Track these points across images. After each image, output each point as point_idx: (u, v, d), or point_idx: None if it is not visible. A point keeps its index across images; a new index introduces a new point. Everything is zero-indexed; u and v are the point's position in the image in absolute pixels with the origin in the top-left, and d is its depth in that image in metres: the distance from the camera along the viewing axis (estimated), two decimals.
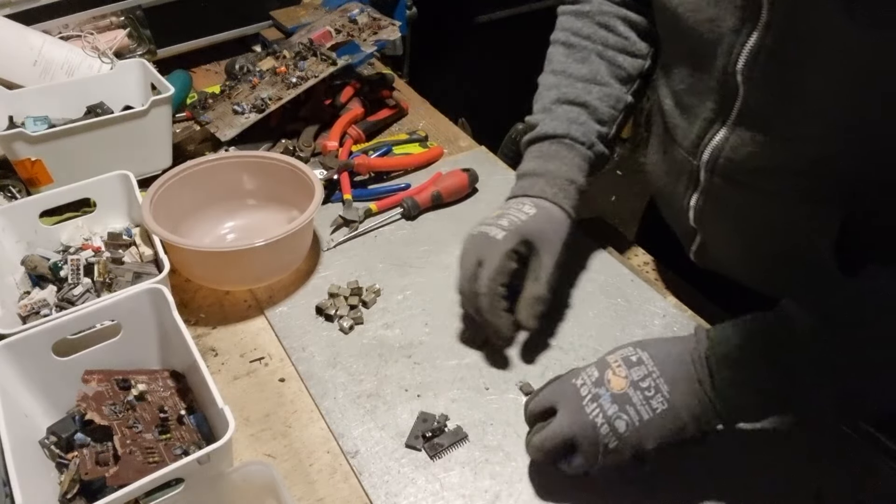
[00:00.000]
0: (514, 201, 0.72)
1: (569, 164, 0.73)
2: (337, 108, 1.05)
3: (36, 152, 0.82)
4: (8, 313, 0.67)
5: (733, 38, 0.59)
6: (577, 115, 0.74)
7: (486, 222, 0.70)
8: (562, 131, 0.73)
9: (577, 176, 0.73)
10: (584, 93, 0.74)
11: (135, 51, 1.10)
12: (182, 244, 0.71)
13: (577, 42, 0.76)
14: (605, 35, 0.76)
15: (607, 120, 0.75)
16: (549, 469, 0.60)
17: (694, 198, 0.72)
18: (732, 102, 0.63)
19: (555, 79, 0.76)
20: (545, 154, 0.74)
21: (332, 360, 0.70)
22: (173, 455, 0.57)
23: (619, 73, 0.76)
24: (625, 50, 0.76)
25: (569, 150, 0.73)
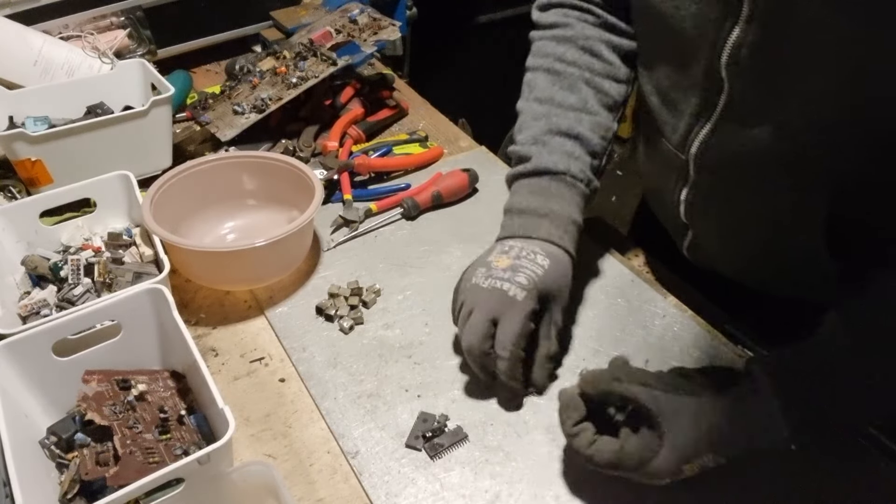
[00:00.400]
0: (524, 247, 0.67)
1: (570, 203, 0.70)
2: (337, 108, 1.05)
3: (36, 152, 0.82)
4: (8, 313, 0.67)
5: (716, 34, 0.60)
6: (573, 148, 0.71)
7: (499, 276, 0.64)
8: (562, 168, 0.70)
9: (578, 216, 0.71)
10: (576, 123, 0.72)
11: (135, 51, 1.09)
12: (182, 244, 0.71)
13: (562, 69, 0.74)
14: (590, 61, 0.74)
15: (599, 152, 0.73)
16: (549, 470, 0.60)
17: (684, 193, 0.72)
18: (718, 97, 0.63)
19: (542, 108, 0.73)
20: (545, 191, 0.70)
21: (333, 361, 0.70)
22: (173, 455, 0.57)
23: (607, 100, 0.74)
24: (610, 76, 0.74)
25: (569, 189, 0.70)
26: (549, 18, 0.77)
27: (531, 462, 0.61)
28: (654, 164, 0.77)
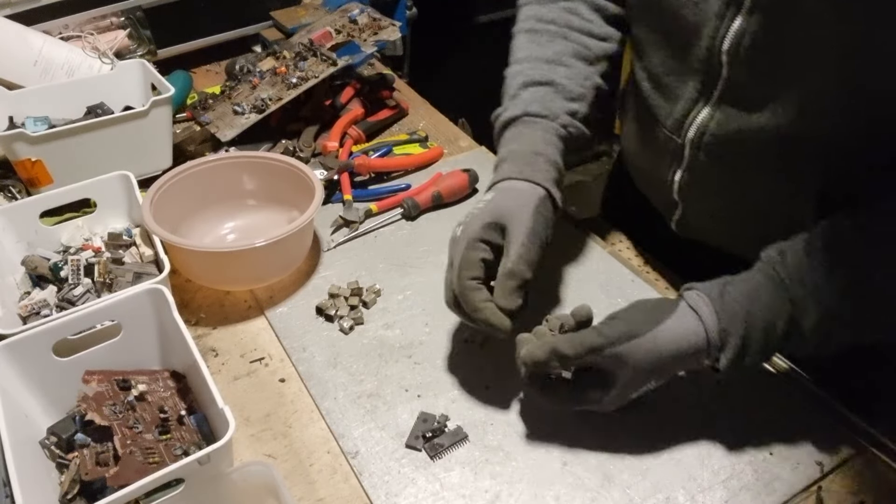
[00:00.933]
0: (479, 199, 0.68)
1: (530, 138, 0.69)
2: (337, 108, 1.05)
3: (36, 153, 0.82)
4: (8, 314, 0.67)
5: (718, 21, 0.61)
6: (544, 93, 0.71)
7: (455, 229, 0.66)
8: (520, 112, 0.70)
9: (545, 148, 0.68)
10: (550, 72, 0.72)
11: (135, 51, 1.10)
12: (182, 244, 0.71)
13: (540, 27, 0.75)
14: (568, 18, 0.75)
15: (577, 97, 0.72)
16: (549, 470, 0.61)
17: (678, 174, 0.73)
18: (716, 81, 0.64)
19: (519, 66, 0.74)
20: (508, 138, 0.71)
21: (333, 361, 0.70)
22: (173, 455, 0.57)
23: (586, 53, 0.74)
24: (590, 33, 0.75)
25: (530, 127, 0.70)
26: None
27: (531, 462, 0.61)
28: (646, 146, 0.78)
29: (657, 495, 0.59)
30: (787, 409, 0.65)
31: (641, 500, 0.58)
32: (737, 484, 0.59)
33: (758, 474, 0.60)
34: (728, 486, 0.59)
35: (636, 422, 0.64)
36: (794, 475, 0.60)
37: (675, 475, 0.60)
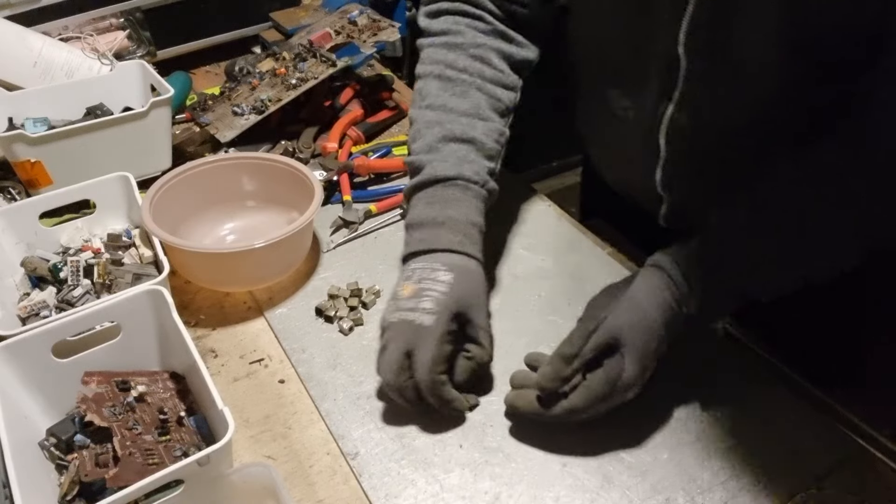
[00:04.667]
0: (424, 267, 0.65)
1: (467, 207, 0.69)
2: (336, 109, 1.05)
3: (35, 154, 0.82)
4: (7, 315, 0.67)
5: (670, 19, 0.64)
6: (466, 153, 0.71)
7: (404, 306, 0.63)
8: (453, 173, 0.69)
9: (477, 217, 0.69)
10: (470, 128, 0.71)
11: (134, 52, 1.10)
12: (182, 245, 0.71)
13: (453, 76, 0.74)
14: (481, 68, 0.74)
15: (494, 154, 0.73)
16: (548, 471, 0.60)
17: (659, 170, 0.75)
18: (676, 75, 0.67)
19: (434, 114, 0.73)
20: (441, 199, 0.69)
21: (332, 362, 0.70)
22: (173, 456, 0.57)
23: (499, 106, 0.75)
24: (501, 83, 0.75)
25: (464, 192, 0.69)
26: (439, 25, 0.78)
27: (531, 463, 0.61)
28: (620, 151, 0.81)
29: (657, 496, 0.59)
30: (787, 410, 0.65)
31: (641, 501, 0.58)
32: (736, 485, 0.59)
33: (757, 475, 0.60)
34: (728, 487, 0.59)
35: (636, 423, 0.64)
36: (793, 475, 0.60)
37: (675, 476, 0.60)
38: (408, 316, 0.62)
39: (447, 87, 0.74)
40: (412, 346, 0.61)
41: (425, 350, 0.61)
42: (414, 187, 0.71)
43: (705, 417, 0.64)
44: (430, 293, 0.63)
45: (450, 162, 0.70)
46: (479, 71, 0.74)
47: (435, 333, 0.61)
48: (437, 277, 0.64)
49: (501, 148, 0.74)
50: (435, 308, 0.62)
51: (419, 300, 0.62)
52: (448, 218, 0.68)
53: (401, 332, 0.62)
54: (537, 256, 0.82)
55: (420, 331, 0.61)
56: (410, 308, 0.62)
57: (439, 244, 0.66)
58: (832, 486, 0.59)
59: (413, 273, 0.65)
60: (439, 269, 0.64)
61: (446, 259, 0.65)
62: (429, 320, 0.61)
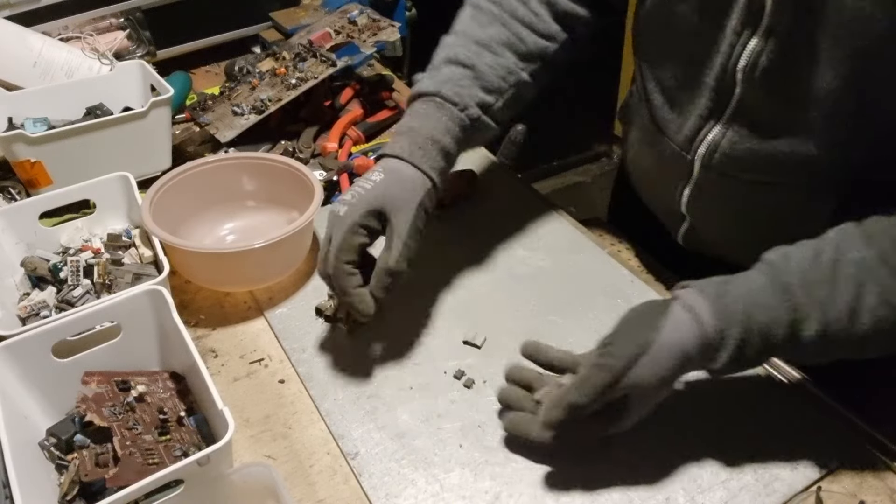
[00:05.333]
0: (368, 170, 0.67)
1: (434, 123, 0.68)
2: (336, 109, 1.05)
3: (35, 154, 0.82)
4: (7, 315, 0.67)
5: (734, 39, 0.60)
6: (461, 77, 0.69)
7: (337, 199, 0.66)
8: (433, 89, 0.69)
9: (442, 136, 0.67)
10: (475, 56, 0.70)
11: (134, 52, 1.10)
12: (182, 245, 0.71)
13: (484, 5, 0.73)
14: (514, 6, 0.72)
15: (494, 89, 0.71)
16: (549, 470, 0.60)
17: (686, 189, 0.72)
18: (728, 99, 0.64)
19: (452, 38, 0.73)
20: (414, 112, 0.70)
21: (332, 362, 0.70)
22: (173, 456, 0.57)
23: (520, 47, 0.72)
24: (531, 26, 0.72)
25: (437, 109, 0.69)
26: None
27: (531, 463, 0.61)
28: (653, 159, 0.78)
29: (657, 496, 0.59)
30: (787, 410, 0.65)
31: (641, 500, 0.58)
32: (736, 484, 0.59)
33: (757, 475, 0.60)
34: (728, 486, 0.59)
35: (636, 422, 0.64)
36: (793, 475, 0.60)
37: (675, 476, 0.60)
38: (333, 206, 0.65)
39: (475, 16, 0.73)
40: (330, 233, 0.64)
41: (335, 237, 0.63)
42: (407, 102, 0.73)
43: (705, 417, 0.64)
44: (355, 188, 0.65)
45: (437, 81, 0.70)
46: (512, 8, 0.72)
47: (346, 222, 0.63)
48: (369, 176, 0.66)
49: (508, 87, 0.72)
50: (351, 199, 0.64)
51: (346, 193, 0.65)
52: (409, 129, 0.68)
53: (328, 223, 0.65)
54: (537, 256, 0.82)
55: (336, 219, 0.64)
56: (339, 200, 0.65)
57: (389, 150, 0.67)
58: (832, 486, 0.59)
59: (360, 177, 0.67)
60: (377, 169, 0.66)
61: (386, 162, 0.67)
62: (343, 209, 0.64)
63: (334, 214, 0.64)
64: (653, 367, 0.54)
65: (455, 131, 0.69)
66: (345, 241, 0.63)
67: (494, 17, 0.72)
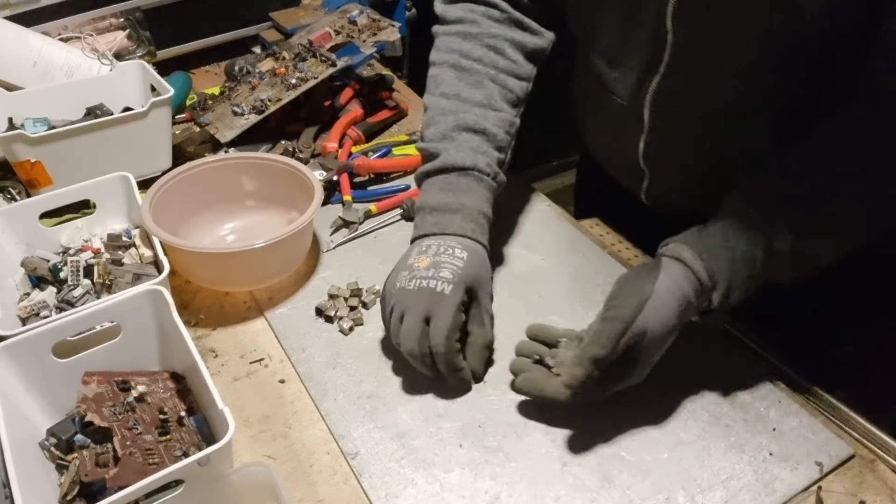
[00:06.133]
0: (441, 244, 0.68)
1: (479, 197, 0.72)
2: (336, 109, 1.05)
3: (36, 154, 0.82)
4: (8, 315, 0.67)
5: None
6: (479, 143, 0.73)
7: (422, 275, 0.66)
8: (470, 163, 0.72)
9: (488, 208, 0.72)
10: (482, 119, 0.74)
11: (134, 52, 1.10)
12: (182, 245, 0.71)
13: (468, 66, 0.76)
14: (494, 58, 0.77)
15: (504, 146, 0.76)
16: (549, 470, 0.60)
17: (641, 141, 0.77)
18: (664, 47, 0.68)
19: (448, 103, 0.75)
20: (455, 187, 0.72)
21: (332, 362, 0.70)
22: (173, 456, 0.57)
23: (511, 97, 0.77)
24: (514, 73, 0.77)
25: (478, 183, 0.72)
26: (455, 13, 0.80)
27: (531, 463, 0.61)
28: (606, 123, 0.83)
29: (657, 496, 0.59)
30: (787, 410, 0.65)
31: (641, 500, 0.58)
32: (736, 484, 0.59)
33: (757, 475, 0.60)
34: (728, 486, 0.59)
35: (636, 422, 0.64)
36: (794, 475, 0.60)
37: (675, 476, 0.60)
38: (428, 284, 0.65)
39: (462, 76, 0.76)
40: (430, 312, 0.64)
41: (443, 317, 0.63)
42: (428, 172, 0.74)
43: (705, 417, 0.64)
44: (449, 265, 0.66)
45: (465, 152, 0.72)
46: (493, 61, 0.77)
47: (453, 301, 0.64)
48: (454, 253, 0.67)
49: (511, 138, 0.77)
50: (453, 278, 0.65)
51: (438, 270, 0.66)
52: (461, 205, 0.70)
53: (420, 300, 0.64)
54: (537, 256, 0.82)
55: (440, 298, 0.64)
56: (430, 276, 0.65)
57: (452, 229, 0.69)
58: (832, 486, 0.59)
59: (429, 248, 0.68)
60: (456, 246, 0.68)
61: (461, 241, 0.69)
62: (448, 288, 0.65)
63: (434, 292, 0.64)
64: (657, 311, 0.58)
65: (491, 199, 0.74)
66: (455, 321, 0.64)
67: (483, 76, 0.76)
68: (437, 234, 0.69)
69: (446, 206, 0.70)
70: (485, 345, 0.67)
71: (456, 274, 0.65)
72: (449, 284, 0.65)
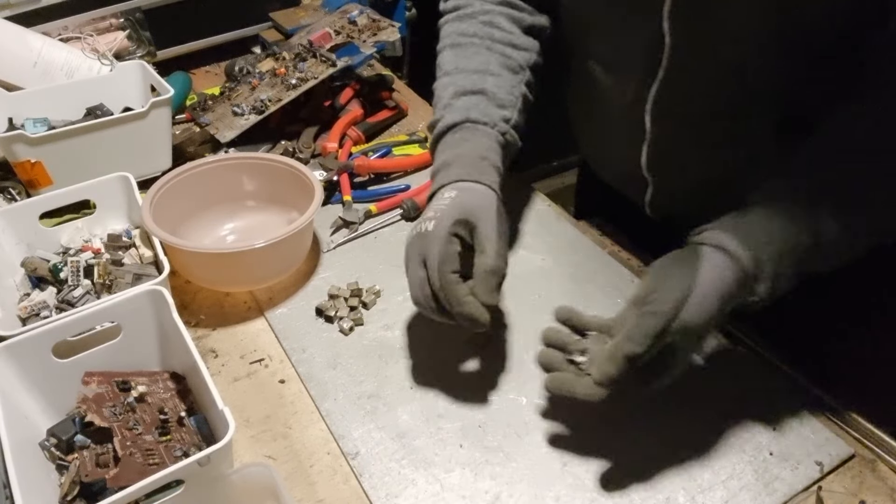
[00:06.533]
0: (436, 196, 0.68)
1: (475, 144, 0.70)
2: (336, 109, 1.05)
3: (36, 154, 0.82)
4: (8, 315, 0.67)
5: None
6: (477, 101, 0.73)
7: (414, 225, 0.66)
8: (461, 118, 0.71)
9: (489, 153, 0.70)
10: (480, 81, 0.74)
11: (134, 52, 1.10)
12: (182, 246, 0.71)
13: (464, 41, 0.77)
14: (490, 31, 0.78)
15: (507, 104, 0.74)
16: (549, 470, 0.60)
17: (644, 148, 0.76)
18: (662, 51, 0.67)
19: (448, 78, 0.76)
20: (450, 143, 0.71)
21: (333, 362, 0.70)
22: (173, 457, 0.57)
23: (510, 63, 0.76)
24: (511, 43, 0.78)
25: (472, 133, 0.71)
26: (451, 3, 0.82)
27: (531, 463, 0.61)
28: (605, 131, 0.82)
29: (657, 496, 0.59)
30: (788, 410, 0.65)
31: (641, 500, 0.58)
32: (737, 484, 0.59)
33: (758, 474, 0.60)
34: (728, 486, 0.59)
35: (636, 422, 0.64)
36: (794, 475, 0.60)
37: (675, 475, 0.60)
38: (416, 228, 0.65)
39: (458, 52, 0.77)
40: (423, 252, 0.63)
41: (433, 251, 0.62)
42: (432, 142, 0.74)
43: (705, 417, 0.64)
44: (434, 207, 0.65)
45: (459, 111, 0.72)
46: (489, 34, 0.77)
47: (439, 234, 0.62)
48: (442, 196, 0.66)
49: (517, 99, 0.75)
50: (436, 215, 0.64)
51: (424, 215, 0.65)
52: (456, 156, 0.69)
53: (414, 246, 0.64)
54: (537, 256, 0.82)
55: (426, 236, 0.63)
56: (418, 222, 0.65)
57: (448, 179, 0.68)
58: (832, 486, 0.59)
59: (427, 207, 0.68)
60: (446, 191, 0.67)
61: (455, 184, 0.67)
62: (431, 225, 0.63)
63: (421, 233, 0.63)
64: (699, 307, 0.54)
65: (495, 147, 0.71)
66: (444, 251, 0.61)
67: (478, 47, 0.77)
68: (437, 190, 0.69)
69: (443, 163, 0.70)
70: (487, 271, 0.61)
71: (439, 211, 0.64)
72: (431, 221, 0.63)
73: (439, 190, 0.68)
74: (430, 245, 0.62)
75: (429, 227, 0.63)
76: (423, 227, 0.63)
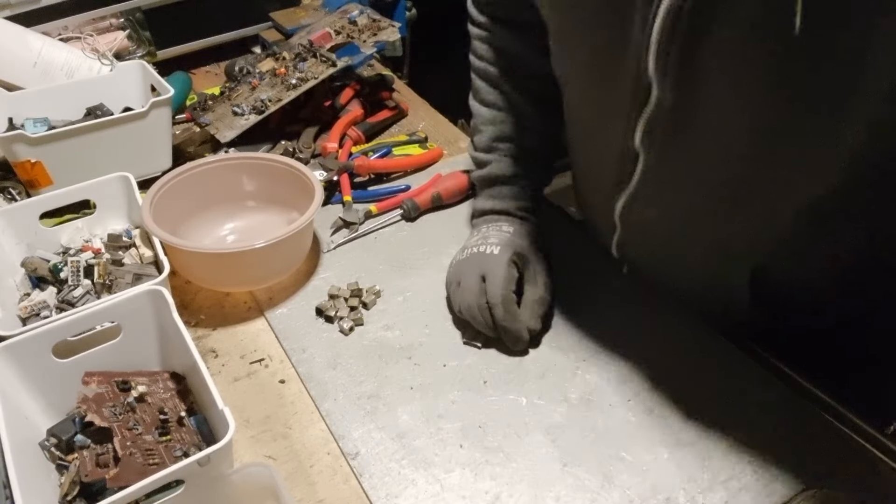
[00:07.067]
0: (489, 226, 0.77)
1: (524, 200, 0.80)
2: (337, 109, 1.05)
3: (36, 154, 0.82)
4: (8, 315, 0.67)
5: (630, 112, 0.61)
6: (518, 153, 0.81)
7: (472, 244, 0.75)
8: (511, 172, 0.80)
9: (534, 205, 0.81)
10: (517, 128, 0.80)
11: (134, 52, 1.10)
12: (182, 246, 0.71)
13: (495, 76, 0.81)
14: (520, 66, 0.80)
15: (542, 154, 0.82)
16: (549, 471, 0.61)
17: (615, 237, 0.75)
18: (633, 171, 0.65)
19: (489, 113, 0.82)
20: (502, 194, 0.80)
21: (333, 362, 0.70)
22: (173, 457, 0.57)
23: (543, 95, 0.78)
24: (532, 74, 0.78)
25: (522, 191, 0.81)
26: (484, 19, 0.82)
27: (531, 463, 0.61)
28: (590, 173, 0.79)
29: (657, 496, 0.59)
30: (787, 410, 0.65)
31: (641, 500, 0.58)
32: (737, 484, 0.59)
33: (758, 475, 0.60)
34: (728, 486, 0.59)
35: (636, 423, 0.64)
36: (794, 475, 0.60)
37: (675, 476, 0.60)
38: (479, 249, 0.74)
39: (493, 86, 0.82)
40: (484, 270, 0.71)
41: (497, 271, 0.70)
42: (479, 179, 0.83)
43: (705, 417, 0.64)
44: (496, 235, 0.75)
45: (505, 163, 0.81)
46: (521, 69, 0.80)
47: (503, 258, 0.71)
48: (500, 227, 0.76)
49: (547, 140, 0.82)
50: (501, 241, 0.74)
51: (486, 239, 0.75)
52: (506, 209, 0.79)
53: (473, 263, 0.73)
54: None
55: (490, 258, 0.72)
56: (479, 244, 0.74)
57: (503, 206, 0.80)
58: (832, 486, 0.59)
59: (480, 230, 0.78)
60: (502, 222, 0.78)
61: (511, 220, 0.78)
62: (496, 249, 0.73)
63: (484, 255, 0.72)
64: None
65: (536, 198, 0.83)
66: (507, 273, 0.70)
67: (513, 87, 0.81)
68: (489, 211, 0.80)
69: (493, 209, 0.80)
70: (536, 300, 0.71)
71: (503, 239, 0.74)
72: (497, 246, 0.73)
73: (493, 215, 0.79)
74: (495, 266, 0.71)
75: (494, 251, 0.72)
76: (489, 250, 0.73)
